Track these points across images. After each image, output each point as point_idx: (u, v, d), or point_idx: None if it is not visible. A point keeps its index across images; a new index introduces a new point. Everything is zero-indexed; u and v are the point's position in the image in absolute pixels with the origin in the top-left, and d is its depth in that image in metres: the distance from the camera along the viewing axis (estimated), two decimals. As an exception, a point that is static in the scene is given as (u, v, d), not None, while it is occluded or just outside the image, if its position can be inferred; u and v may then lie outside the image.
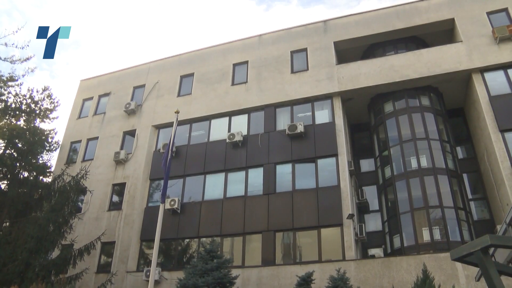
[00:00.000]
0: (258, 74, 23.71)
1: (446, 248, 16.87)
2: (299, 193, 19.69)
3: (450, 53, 20.90)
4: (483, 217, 20.20)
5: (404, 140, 20.53)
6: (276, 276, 17.75)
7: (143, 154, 23.50)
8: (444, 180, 19.26)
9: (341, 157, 19.89)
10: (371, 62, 22.12)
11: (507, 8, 21.18)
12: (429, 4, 23.01)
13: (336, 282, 14.39)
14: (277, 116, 22.22)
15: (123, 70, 28.04)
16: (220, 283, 15.24)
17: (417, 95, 21.56)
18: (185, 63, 26.24)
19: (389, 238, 19.61)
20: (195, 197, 21.48)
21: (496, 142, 18.25)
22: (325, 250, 18.09)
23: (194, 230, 20.48)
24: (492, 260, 8.31)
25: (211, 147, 22.48)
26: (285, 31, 25.01)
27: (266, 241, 18.92)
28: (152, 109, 24.99)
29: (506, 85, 19.53)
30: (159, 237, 13.19)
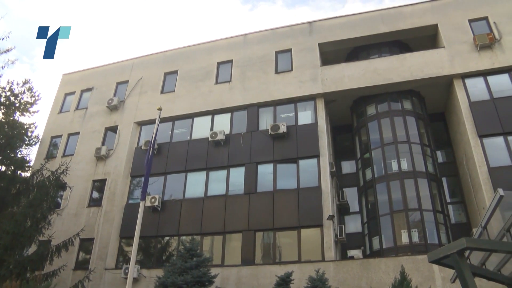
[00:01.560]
0: (242, 74, 23.71)
1: (424, 251, 17.08)
2: (280, 193, 19.73)
3: (432, 58, 21.17)
4: (460, 220, 20.54)
5: (386, 143, 20.72)
6: (255, 275, 17.77)
7: (124, 151, 23.31)
8: (423, 184, 19.50)
9: (323, 158, 19.99)
10: (355, 65, 22.29)
11: (487, 17, 21.56)
12: (413, 9, 23.28)
13: (315, 283, 14.47)
14: (260, 116, 22.24)
15: (107, 66, 27.77)
16: (199, 282, 15.20)
17: (399, 99, 21.78)
18: (170, 60, 26.10)
19: (368, 239, 19.78)
20: (176, 195, 21.38)
21: (475, 147, 18.54)
22: (304, 251, 18.17)
23: (174, 228, 20.38)
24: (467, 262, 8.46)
25: (193, 145, 22.40)
26: (271, 31, 25.04)
27: (246, 241, 18.93)
28: (135, 106, 24.80)
29: (486, 92, 19.88)
30: (139, 234, 13.12)
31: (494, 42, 20.45)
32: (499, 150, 18.34)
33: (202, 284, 15.28)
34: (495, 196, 8.06)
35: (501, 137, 18.61)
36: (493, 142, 18.66)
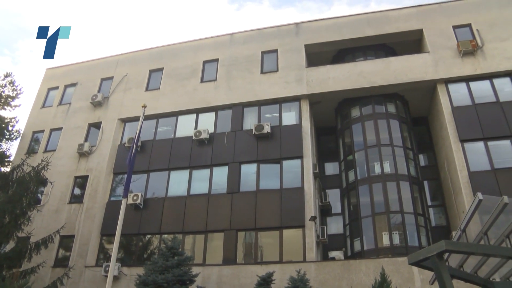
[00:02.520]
0: (227, 73, 23.68)
1: (404, 253, 17.25)
2: (263, 193, 19.75)
3: (417, 63, 21.39)
4: (441, 223, 20.79)
5: (369, 146, 20.88)
6: (236, 275, 17.76)
7: (107, 147, 23.10)
8: (405, 187, 19.69)
9: (306, 159, 20.07)
10: (341, 67, 22.42)
11: (471, 24, 21.89)
12: (399, 14, 23.50)
13: (296, 283, 14.51)
14: (245, 116, 22.24)
15: (91, 61, 27.50)
16: (180, 281, 15.14)
17: (383, 102, 21.96)
18: (155, 58, 25.95)
19: (349, 241, 19.90)
20: (159, 193, 21.26)
21: (456, 151, 18.79)
22: (286, 251, 18.21)
23: (156, 226, 20.27)
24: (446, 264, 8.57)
25: (177, 143, 22.30)
26: (257, 31, 25.06)
27: (228, 240, 18.90)
28: (119, 102, 24.60)
29: (468, 97, 20.18)
30: (120, 232, 13.01)
31: (477, 49, 20.77)
32: (479, 155, 18.62)
33: (183, 283, 15.23)
34: (474, 200, 8.16)
35: (482, 142, 18.91)
36: (473, 147, 18.94)
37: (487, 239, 8.47)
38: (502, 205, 7.93)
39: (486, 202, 8.16)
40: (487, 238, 8.48)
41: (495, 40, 21.00)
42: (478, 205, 8.14)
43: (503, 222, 8.33)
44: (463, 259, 9.42)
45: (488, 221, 8.37)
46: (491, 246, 8.45)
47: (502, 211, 8.04)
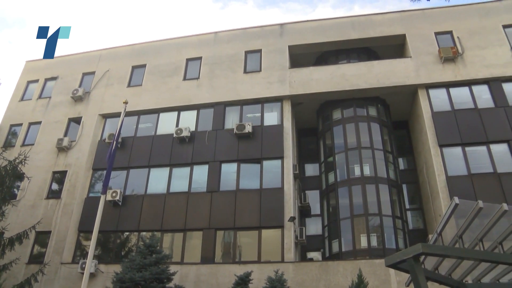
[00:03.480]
0: (210, 71, 23.62)
1: (382, 255, 17.42)
2: (243, 193, 19.75)
3: (399, 67, 21.64)
4: (418, 226, 21.06)
5: (349, 148, 21.03)
6: (214, 274, 17.72)
7: (87, 143, 22.83)
8: (384, 189, 19.89)
9: (287, 160, 20.12)
10: (324, 69, 22.54)
11: (452, 31, 22.25)
12: (383, 18, 23.74)
13: (273, 283, 14.55)
14: (226, 115, 22.21)
15: (73, 55, 27.14)
16: (158, 279, 15.06)
17: (365, 105, 22.14)
18: (138, 54, 25.75)
19: (328, 242, 20.01)
20: (138, 190, 21.09)
21: (435, 156, 19.05)
22: (264, 251, 18.24)
23: (135, 223, 20.10)
24: (422, 267, 8.70)
25: (157, 140, 22.16)
26: (241, 31, 25.05)
27: (207, 239, 18.85)
28: (101, 98, 24.34)
29: (447, 103, 20.49)
30: (98, 228, 12.88)
31: (457, 56, 21.11)
32: (457, 160, 18.92)
33: (161, 281, 15.14)
34: (451, 204, 8.30)
35: (460, 147, 19.22)
36: (452, 152, 19.23)
37: (462, 242, 8.63)
38: (477, 209, 8.10)
39: (462, 206, 8.31)
40: (462, 242, 8.64)
41: (475, 48, 21.40)
42: (455, 209, 8.28)
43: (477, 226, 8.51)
44: (439, 262, 9.57)
45: (463, 225, 8.54)
46: (465, 249, 8.61)
47: (477, 215, 8.21)
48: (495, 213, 8.16)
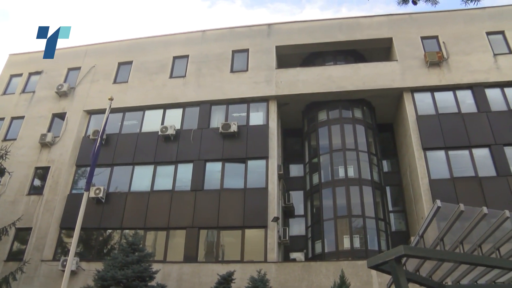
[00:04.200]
0: (197, 70, 23.55)
1: (364, 256, 17.52)
2: (227, 192, 19.73)
3: (385, 70, 21.82)
4: (400, 228, 21.23)
5: (334, 149, 21.13)
6: (197, 273, 17.67)
7: (71, 139, 22.58)
8: (368, 191, 20.02)
9: (272, 160, 20.16)
10: (310, 70, 22.62)
11: (438, 36, 22.54)
12: (371, 21, 23.92)
13: (256, 283, 14.56)
14: (212, 114, 22.17)
15: (58, 50, 26.22)
16: (140, 277, 14.97)
17: (350, 107, 22.27)
18: (125, 50, 25.57)
19: (311, 243, 20.08)
20: (122, 188, 20.93)
21: (419, 159, 19.24)
22: (247, 251, 18.25)
23: (118, 221, 19.94)
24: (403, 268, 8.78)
25: (142, 138, 22.03)
26: (229, 30, 25.03)
27: (190, 238, 18.79)
28: (86, 93, 24.11)
29: (432, 107, 20.72)
30: (80, 225, 12.75)
31: (442, 60, 21.37)
32: (440, 164, 19.14)
33: (143, 279, 15.05)
34: (433, 207, 8.40)
35: (443, 151, 19.45)
36: (435, 155, 19.45)
37: (443, 244, 8.74)
38: (458, 212, 8.21)
39: (444, 209, 8.41)
40: (443, 244, 8.74)
41: (460, 53, 21.68)
42: (437, 212, 8.38)
43: (458, 228, 8.63)
44: (420, 264, 9.67)
45: (444, 227, 8.64)
46: (446, 251, 8.72)
47: (458, 218, 8.32)
48: (475, 216, 8.29)
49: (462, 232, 8.72)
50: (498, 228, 8.44)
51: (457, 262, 8.87)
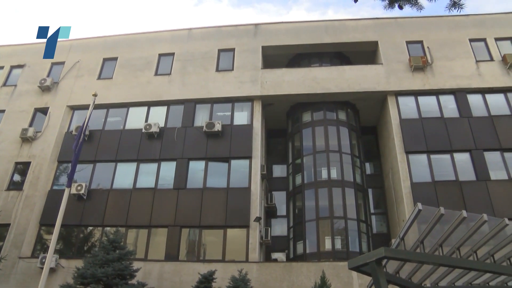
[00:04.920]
0: (183, 68, 23.47)
1: (345, 258, 17.64)
2: (210, 191, 19.68)
3: (370, 73, 21.99)
4: (382, 230, 21.41)
5: (318, 151, 21.24)
6: (178, 272, 17.59)
7: (53, 134, 22.28)
8: (350, 193, 20.17)
9: (255, 160, 20.17)
10: (296, 71, 22.71)
11: (423, 41, 22.87)
12: (357, 24, 24.10)
13: (237, 283, 14.57)
14: (196, 112, 22.10)
15: (42, 43, 25.83)
16: (120, 275, 14.87)
17: (335, 109, 22.41)
18: (110, 46, 25.34)
19: (293, 243, 20.15)
20: (104, 184, 20.72)
21: (401, 162, 19.44)
22: (229, 250, 18.22)
23: (99, 218, 19.72)
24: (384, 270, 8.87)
25: (126, 135, 21.85)
26: (216, 29, 24.99)
27: (172, 236, 18.70)
28: (69, 89, 23.82)
29: (415, 111, 20.96)
30: (61, 222, 12.60)
31: (427, 65, 21.64)
32: (422, 167, 19.37)
33: (123, 277, 14.96)
34: (414, 209, 8.51)
35: (425, 155, 19.68)
36: (417, 159, 19.67)
37: (423, 247, 8.85)
38: (438, 215, 8.33)
39: (424, 212, 8.52)
40: (423, 246, 8.86)
41: (444, 58, 21.98)
42: (418, 214, 8.49)
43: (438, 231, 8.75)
44: (400, 266, 9.78)
45: (425, 230, 8.77)
46: (426, 254, 8.84)
47: (438, 221, 8.44)
48: (455, 219, 8.43)
49: (442, 235, 8.85)
50: (476, 231, 8.59)
51: (436, 265, 9.00)
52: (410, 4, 6.39)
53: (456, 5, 6.11)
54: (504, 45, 22.45)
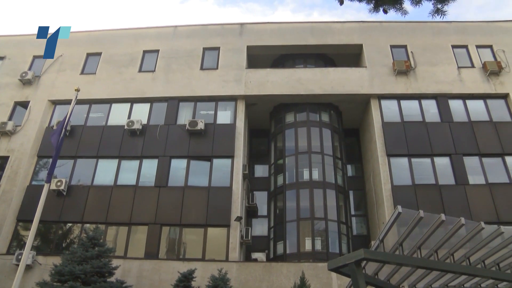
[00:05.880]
0: (167, 65, 23.35)
1: (325, 258, 17.74)
2: (191, 189, 19.61)
3: (354, 76, 22.16)
4: (362, 232, 21.58)
5: (300, 152, 21.32)
6: (157, 270, 17.48)
7: (33, 129, 21.94)
8: (331, 195, 20.28)
9: (237, 159, 20.17)
10: (280, 72, 22.78)
11: (406, 45, 23.15)
12: (342, 27, 24.26)
13: (216, 282, 14.54)
14: (180, 110, 22.00)
15: (24, 36, 25.99)
16: (99, 273, 14.74)
17: (318, 110, 22.52)
18: (94, 41, 25.07)
19: (273, 244, 20.18)
20: (84, 181, 20.46)
21: (383, 165, 19.63)
22: (209, 249, 18.19)
23: (79, 214, 19.47)
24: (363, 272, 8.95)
25: (108, 131, 21.64)
26: (201, 27, 24.93)
27: (152, 234, 18.58)
28: (51, 83, 23.49)
29: (397, 114, 21.20)
30: (39, 218, 12.40)
31: (410, 69, 21.90)
32: (403, 170, 19.58)
33: (102, 275, 14.82)
34: (394, 212, 8.60)
35: (406, 158, 19.90)
36: (398, 162, 19.88)
37: (401, 249, 8.95)
38: (418, 218, 8.43)
39: (404, 215, 8.62)
40: (402, 249, 8.95)
41: (426, 63, 22.28)
42: (397, 217, 8.58)
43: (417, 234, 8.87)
44: (379, 267, 9.87)
45: (404, 232, 8.86)
46: (405, 256, 8.94)
47: (417, 224, 8.55)
48: (433, 222, 8.55)
49: (421, 238, 8.96)
50: (453, 234, 8.73)
51: (414, 267, 9.12)
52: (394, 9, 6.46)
53: (439, 12, 6.21)
54: (484, 52, 22.84)
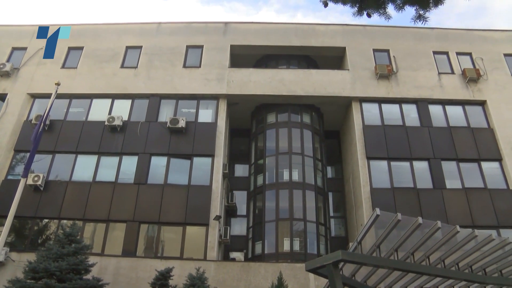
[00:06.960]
0: (149, 62, 23.18)
1: (303, 259, 17.83)
2: (170, 187, 19.50)
3: (336, 78, 22.32)
4: (340, 234, 21.75)
5: (280, 152, 21.39)
6: (135, 268, 17.33)
7: (11, 122, 21.54)
8: (311, 196, 20.39)
9: (217, 158, 20.13)
10: (263, 72, 22.81)
11: (389, 50, 23.46)
12: (326, 29, 24.42)
13: (194, 281, 14.49)
14: (161, 107, 21.87)
15: (3, 26, 25.53)
16: (75, 270, 14.53)
17: (299, 112, 22.62)
18: (76, 35, 24.57)
19: (251, 243, 20.21)
20: (62, 176, 20.13)
21: (362, 167, 19.81)
22: (187, 248, 18.11)
23: (56, 210, 19.16)
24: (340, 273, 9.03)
25: (88, 127, 21.36)
26: (185, 25, 24.82)
27: (130, 231, 18.40)
28: (30, 76, 23.10)
29: (378, 118, 21.43)
30: (14, 213, 12.19)
31: (392, 74, 22.16)
32: (382, 173, 19.79)
33: (78, 272, 14.63)
34: (373, 214, 8.68)
35: (385, 161, 20.13)
36: (378, 165, 20.09)
37: (379, 251, 9.03)
38: (395, 221, 8.54)
39: (382, 218, 8.71)
40: (379, 251, 9.04)
41: (408, 68, 22.57)
42: (375, 219, 8.66)
43: (394, 236, 8.98)
44: (356, 269, 9.96)
45: (382, 235, 8.96)
46: (382, 258, 9.03)
47: (395, 227, 8.65)
48: (411, 225, 8.67)
49: (398, 240, 9.07)
50: (430, 237, 8.86)
51: (391, 269, 9.22)
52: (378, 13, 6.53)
53: (421, 18, 6.30)
54: (464, 59, 23.24)
